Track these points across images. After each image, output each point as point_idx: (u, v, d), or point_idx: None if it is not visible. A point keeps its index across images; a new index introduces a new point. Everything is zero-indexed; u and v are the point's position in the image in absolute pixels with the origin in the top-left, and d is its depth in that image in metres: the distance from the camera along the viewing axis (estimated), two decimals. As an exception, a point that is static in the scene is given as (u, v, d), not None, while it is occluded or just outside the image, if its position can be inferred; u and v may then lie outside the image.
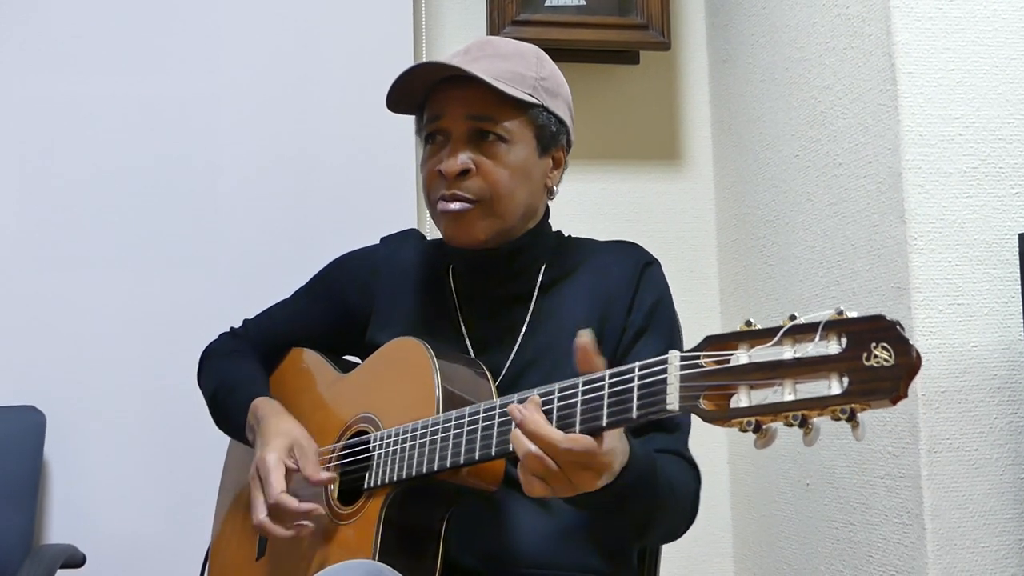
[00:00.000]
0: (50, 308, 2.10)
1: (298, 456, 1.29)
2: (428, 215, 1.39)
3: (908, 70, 1.70)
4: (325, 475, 1.28)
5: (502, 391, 1.25)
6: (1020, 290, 1.62)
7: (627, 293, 1.33)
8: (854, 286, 1.83)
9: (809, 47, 2.01)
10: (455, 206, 1.30)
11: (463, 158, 1.29)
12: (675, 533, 1.28)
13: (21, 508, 1.95)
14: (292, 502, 1.24)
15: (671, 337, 1.34)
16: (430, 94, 1.33)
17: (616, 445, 1.04)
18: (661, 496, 1.16)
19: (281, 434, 1.32)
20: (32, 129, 2.13)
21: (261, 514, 1.26)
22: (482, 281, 1.38)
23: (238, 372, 1.50)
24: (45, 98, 2.13)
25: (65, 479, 2.07)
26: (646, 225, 2.45)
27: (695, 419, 1.01)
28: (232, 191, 2.19)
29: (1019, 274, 1.63)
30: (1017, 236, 1.66)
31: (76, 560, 1.84)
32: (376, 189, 2.20)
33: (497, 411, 1.11)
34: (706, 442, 1.32)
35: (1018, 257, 1.64)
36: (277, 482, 1.26)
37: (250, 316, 1.60)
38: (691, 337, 1.41)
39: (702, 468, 1.31)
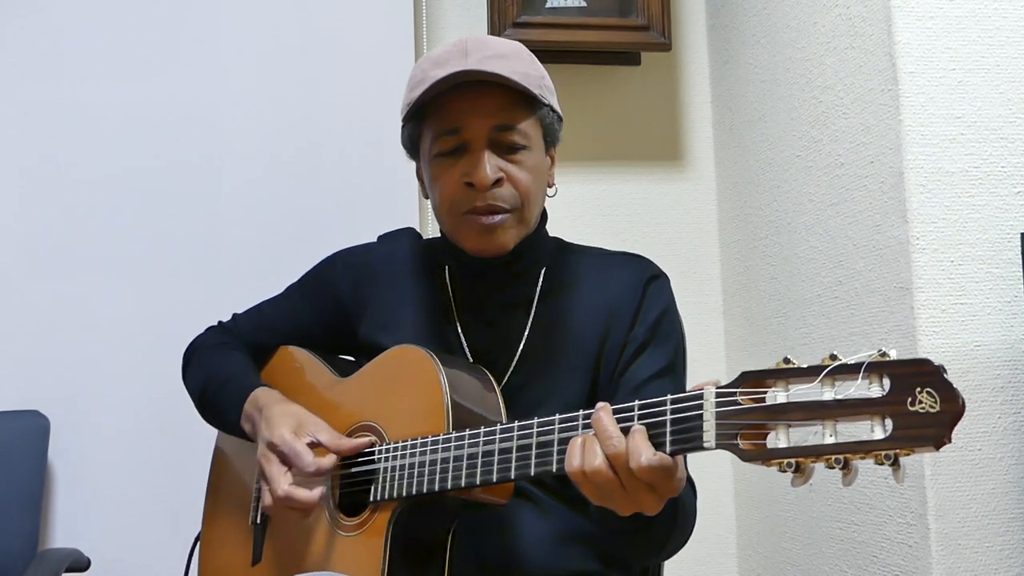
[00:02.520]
0: (53, 313, 2.10)
1: (314, 430, 1.25)
2: (429, 215, 1.38)
3: (909, 70, 1.70)
4: (347, 443, 1.24)
5: (504, 400, 1.23)
6: (1023, 289, 1.62)
7: (631, 308, 1.30)
8: (857, 286, 1.83)
9: (810, 47, 2.01)
10: (491, 218, 1.26)
11: (493, 167, 1.25)
12: (676, 551, 1.26)
13: (26, 513, 1.96)
14: (329, 463, 1.21)
15: (673, 353, 1.30)
16: (435, 101, 1.27)
17: (683, 471, 1.01)
18: (679, 517, 1.15)
19: (288, 414, 1.28)
20: (34, 133, 2.13)
21: (284, 485, 1.21)
22: (480, 285, 1.35)
23: (230, 365, 1.45)
24: (46, 102, 2.13)
25: (69, 483, 2.07)
26: (648, 226, 2.45)
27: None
28: (234, 194, 2.19)
29: (1022, 273, 1.63)
30: (1020, 235, 1.66)
31: (81, 564, 1.85)
32: (378, 189, 2.20)
33: (516, 433, 1.10)
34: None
35: (1020, 256, 1.64)
36: (308, 451, 1.22)
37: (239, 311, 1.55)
38: (694, 341, 1.41)
39: (705, 468, 1.31)
